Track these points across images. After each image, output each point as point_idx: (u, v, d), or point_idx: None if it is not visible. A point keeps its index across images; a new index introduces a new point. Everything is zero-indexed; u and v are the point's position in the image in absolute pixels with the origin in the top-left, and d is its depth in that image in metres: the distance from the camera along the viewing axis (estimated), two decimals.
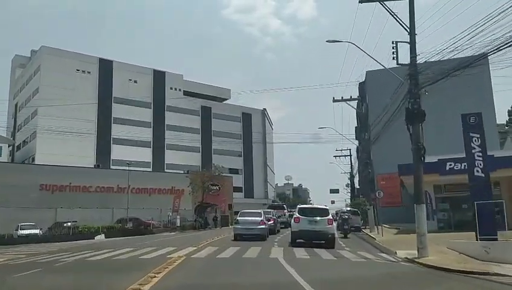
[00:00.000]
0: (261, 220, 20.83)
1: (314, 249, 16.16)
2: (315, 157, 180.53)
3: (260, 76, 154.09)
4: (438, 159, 25.09)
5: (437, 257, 13.87)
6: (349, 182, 67.63)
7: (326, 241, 17.65)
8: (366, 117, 41.07)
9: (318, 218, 17.82)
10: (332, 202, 73.39)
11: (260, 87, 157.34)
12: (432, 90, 15.12)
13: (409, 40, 14.65)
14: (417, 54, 14.61)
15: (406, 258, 14.18)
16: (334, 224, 18.59)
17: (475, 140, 14.81)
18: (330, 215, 18.77)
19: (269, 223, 23.12)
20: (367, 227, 33.92)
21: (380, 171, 37.25)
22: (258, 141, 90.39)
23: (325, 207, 20.00)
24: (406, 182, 27.85)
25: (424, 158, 14.59)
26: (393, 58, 15.05)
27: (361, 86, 43.77)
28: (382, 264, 13.02)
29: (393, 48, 15.02)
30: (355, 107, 36.45)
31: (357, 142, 48.79)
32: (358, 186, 59.47)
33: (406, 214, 32.81)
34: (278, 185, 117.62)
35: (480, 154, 14.68)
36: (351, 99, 30.68)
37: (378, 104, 35.50)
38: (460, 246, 15.27)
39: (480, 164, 14.59)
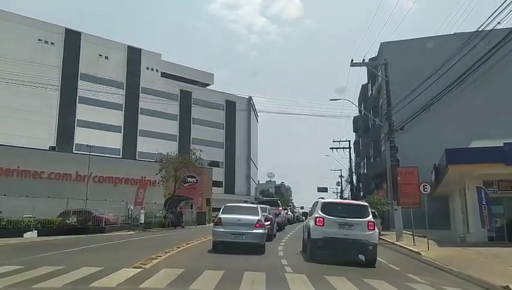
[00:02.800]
0: (258, 220, 13.16)
1: (364, 278, 8.69)
2: (299, 155, 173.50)
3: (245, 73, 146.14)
4: (504, 143, 18.31)
5: None
6: (339, 180, 62.14)
7: (365, 255, 11.78)
8: (383, 98, 33.64)
9: (354, 219, 11.53)
10: None
11: (245, 83, 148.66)
12: None
13: None
14: None
15: None
16: (377, 229, 11.66)
17: None
18: (371, 216, 11.94)
19: (265, 224, 15.41)
20: (382, 233, 27.02)
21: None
22: (241, 132, 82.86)
23: (363, 203, 12.89)
24: (452, 172, 20.65)
25: None
26: None
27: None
28: None
29: None
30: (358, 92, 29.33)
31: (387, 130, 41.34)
32: (355, 184, 52.78)
33: (422, 217, 26.14)
34: (260, 182, 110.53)
35: None
36: (372, 62, 23.35)
37: (394, 82, 28.65)
38: None
39: None
